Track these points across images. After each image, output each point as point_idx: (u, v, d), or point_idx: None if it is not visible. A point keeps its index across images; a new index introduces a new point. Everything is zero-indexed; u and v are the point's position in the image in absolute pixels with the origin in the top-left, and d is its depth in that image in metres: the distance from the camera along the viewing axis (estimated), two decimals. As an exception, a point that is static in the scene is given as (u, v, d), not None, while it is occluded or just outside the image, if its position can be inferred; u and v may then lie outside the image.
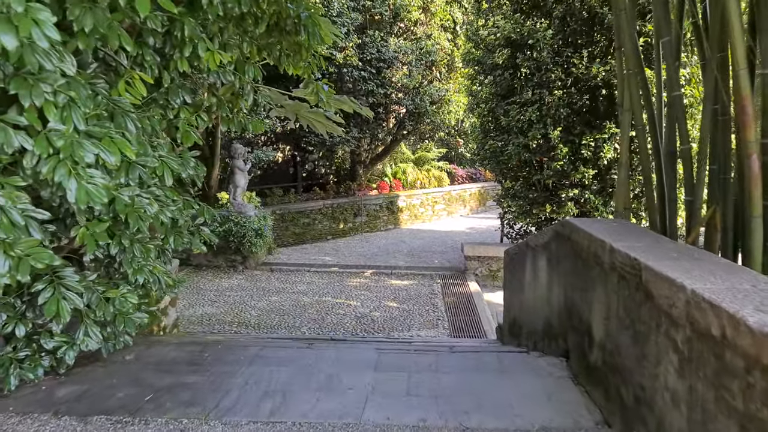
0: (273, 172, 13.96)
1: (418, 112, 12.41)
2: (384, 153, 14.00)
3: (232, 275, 9.26)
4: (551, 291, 3.95)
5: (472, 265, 9.23)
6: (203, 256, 9.66)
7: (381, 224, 13.66)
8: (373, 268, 9.66)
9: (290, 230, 11.87)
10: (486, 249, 9.13)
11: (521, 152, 8.16)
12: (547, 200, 8.59)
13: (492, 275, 9.17)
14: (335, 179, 14.82)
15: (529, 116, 7.89)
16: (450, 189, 15.38)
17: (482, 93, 8.83)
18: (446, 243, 12.10)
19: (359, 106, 5.29)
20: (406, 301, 7.76)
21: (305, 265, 9.85)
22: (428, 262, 10.35)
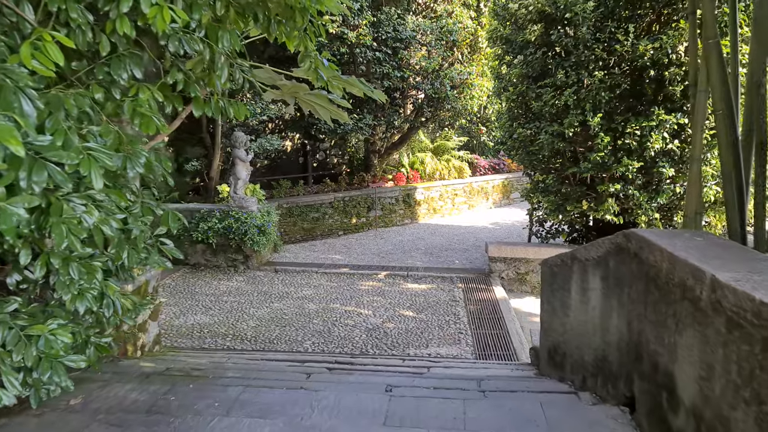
0: (281, 162, 13.30)
1: (437, 98, 11.62)
2: (401, 142, 13.25)
3: (232, 276, 8.62)
4: (608, 319, 3.21)
5: (497, 267, 8.48)
6: (202, 254, 9.05)
7: (397, 219, 12.94)
8: (388, 270, 8.95)
9: (298, 225, 11.20)
10: (513, 249, 8.37)
11: (555, 141, 7.36)
12: (583, 196, 7.79)
13: (520, 279, 8.41)
14: (348, 170, 14.12)
15: (565, 101, 7.08)
16: (471, 180, 14.58)
17: (511, 75, 8.03)
18: (468, 240, 11.34)
19: (371, 88, 4.52)
20: (423, 310, 7.05)
21: (313, 265, 9.18)
22: (448, 262, 9.61)
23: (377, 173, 13.24)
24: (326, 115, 4.55)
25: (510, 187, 15.75)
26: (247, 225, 8.54)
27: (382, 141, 12.96)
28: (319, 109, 4.48)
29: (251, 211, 8.76)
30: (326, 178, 12.97)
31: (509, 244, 8.58)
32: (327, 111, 4.50)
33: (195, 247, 8.99)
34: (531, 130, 7.84)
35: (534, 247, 8.40)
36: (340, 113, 4.52)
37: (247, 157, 8.82)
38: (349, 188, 12.54)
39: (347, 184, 12.63)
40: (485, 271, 8.84)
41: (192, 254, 9.07)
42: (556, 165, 8.11)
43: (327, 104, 4.39)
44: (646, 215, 7.35)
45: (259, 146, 9.42)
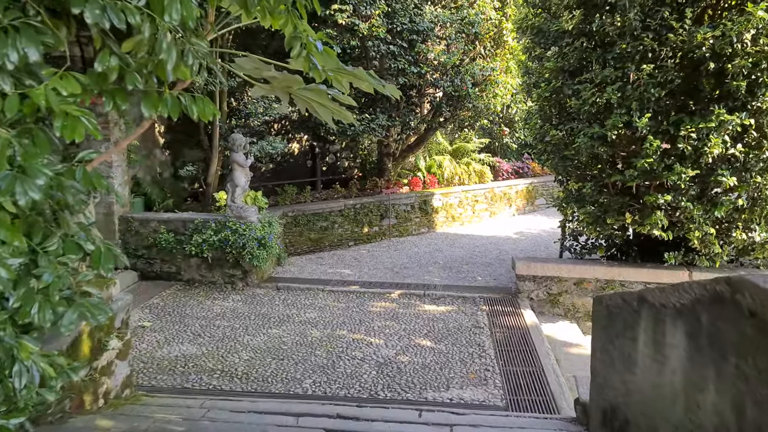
0: (288, 165, 12.61)
1: (457, 96, 10.84)
2: (417, 144, 12.48)
3: (229, 295, 7.90)
4: (698, 391, 2.41)
5: (526, 286, 7.67)
6: (196, 269, 8.35)
7: (412, 227, 12.17)
8: (402, 288, 8.19)
9: (305, 236, 10.48)
10: (544, 267, 7.55)
11: (594, 145, 6.54)
12: (625, 207, 6.96)
13: (552, 300, 7.60)
14: (360, 174, 13.39)
15: (608, 98, 6.27)
16: (493, 186, 13.77)
17: (542, 70, 7.23)
18: (491, 252, 10.53)
19: (382, 83, 3.72)
20: (443, 339, 6.27)
21: (319, 282, 8.44)
22: (470, 278, 8.82)
23: (391, 178, 12.48)
24: (326, 115, 3.79)
25: (534, 193, 14.90)
26: (246, 237, 7.83)
27: (397, 143, 12.20)
28: (318, 108, 3.71)
29: (250, 221, 8.05)
30: (336, 184, 12.24)
31: (540, 260, 7.77)
32: (327, 110, 3.73)
33: (189, 261, 8.30)
34: (566, 132, 7.03)
35: (568, 264, 7.58)
36: (342, 112, 3.75)
37: (246, 162, 8.11)
38: (360, 194, 11.79)
39: (358, 189, 11.89)
40: (512, 290, 8.04)
41: (185, 269, 8.38)
42: (593, 171, 7.29)
43: (326, 101, 3.62)
44: (699, 230, 6.50)
45: (260, 149, 8.71)
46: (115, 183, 8.25)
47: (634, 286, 7.33)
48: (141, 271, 8.48)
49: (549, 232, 12.18)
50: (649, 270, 7.27)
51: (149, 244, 8.34)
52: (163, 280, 8.43)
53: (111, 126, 8.10)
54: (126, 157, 8.57)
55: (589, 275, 7.43)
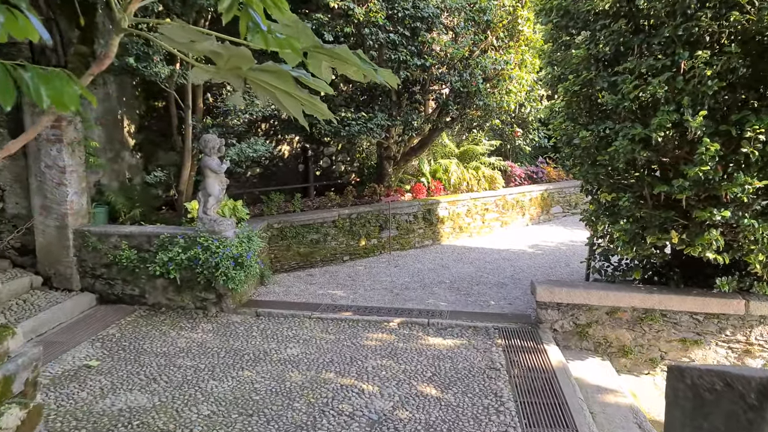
0: (276, 170, 11.62)
1: (466, 92, 9.84)
2: (421, 146, 11.48)
3: (199, 323, 6.90)
4: None
5: (548, 315, 6.66)
6: (163, 292, 7.36)
7: (415, 239, 11.16)
8: (403, 314, 7.18)
9: (293, 250, 9.48)
10: (571, 293, 6.54)
11: (635, 149, 5.53)
12: (669, 223, 5.95)
13: (579, 332, 6.58)
14: (357, 179, 12.39)
15: (653, 92, 5.26)
16: (505, 192, 12.75)
17: (571, 59, 6.22)
18: (504, 270, 9.51)
19: (373, 66, 2.59)
20: (451, 385, 5.26)
21: (306, 307, 7.43)
22: (481, 303, 7.80)
23: (392, 184, 11.48)
24: (294, 107, 2.75)
25: (550, 200, 13.87)
26: (219, 255, 6.83)
27: (398, 145, 11.20)
28: (282, 97, 2.66)
29: (225, 236, 7.05)
30: (331, 190, 11.24)
31: (565, 285, 6.75)
32: (294, 100, 2.69)
33: (154, 282, 7.31)
34: (598, 134, 6.03)
35: (598, 289, 6.56)
36: (315, 104, 2.71)
37: (220, 167, 7.11)
38: (357, 202, 10.79)
39: (355, 197, 10.88)
40: (531, 319, 7.02)
41: (150, 291, 7.38)
42: (631, 180, 6.28)
43: (292, 87, 2.58)
44: (763, 253, 5.49)
45: (239, 152, 7.70)
46: (70, 191, 7.26)
47: (678, 316, 6.32)
48: (100, 293, 7.49)
49: (568, 246, 11.16)
50: (696, 297, 6.25)
51: (109, 262, 7.34)
52: (126, 304, 7.44)
53: (64, 125, 7.12)
54: (85, 160, 7.59)
55: (625, 303, 6.41)
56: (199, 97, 8.29)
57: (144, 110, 9.63)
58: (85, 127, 7.66)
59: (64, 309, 6.89)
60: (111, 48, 2.45)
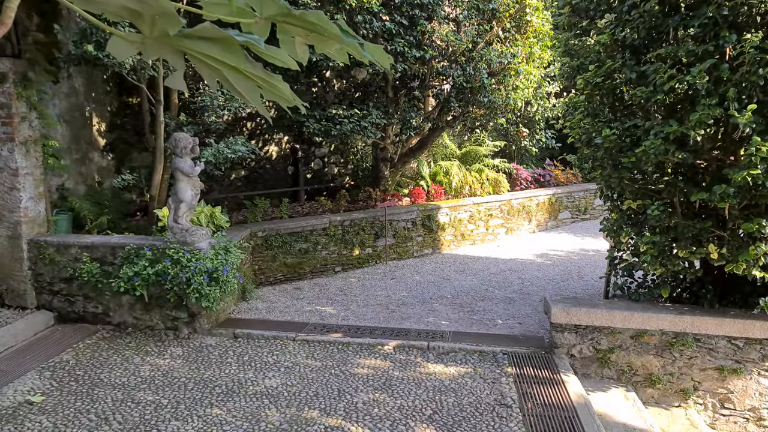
0: (263, 172, 10.91)
1: (470, 88, 9.14)
2: (420, 147, 10.77)
3: (167, 347, 6.18)
4: None
5: (564, 339, 5.94)
6: (129, 310, 6.65)
7: (413, 248, 10.45)
8: (399, 336, 6.47)
9: (279, 260, 8.76)
10: (591, 314, 5.82)
11: (669, 149, 4.83)
12: (704, 235, 5.25)
13: (600, 359, 5.87)
14: (351, 182, 11.68)
15: (691, 83, 4.56)
16: (510, 197, 12.05)
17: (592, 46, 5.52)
18: (511, 283, 8.79)
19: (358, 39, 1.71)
20: (454, 426, 4.55)
21: (291, 327, 6.72)
22: (487, 321, 7.09)
23: (388, 188, 10.77)
24: (249, 91, 1.98)
25: (558, 205, 13.16)
26: (191, 270, 6.11)
27: (395, 146, 10.49)
28: (231, 76, 1.89)
29: (198, 248, 6.34)
30: (323, 195, 10.54)
31: (583, 304, 6.03)
32: (248, 81, 1.94)
33: (119, 299, 6.60)
34: (624, 132, 5.32)
35: (621, 309, 5.84)
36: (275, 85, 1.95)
37: (192, 169, 6.40)
38: (350, 208, 10.08)
39: (348, 202, 10.17)
40: (544, 342, 6.32)
41: (116, 309, 6.67)
42: (660, 185, 5.58)
43: (241, 62, 1.82)
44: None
45: (216, 153, 6.97)
46: (23, 196, 6.55)
47: (714, 341, 5.62)
48: (59, 311, 6.78)
49: (580, 255, 10.46)
50: (735, 320, 5.55)
51: (69, 276, 6.64)
52: (88, 323, 6.73)
53: (17, 122, 6.41)
54: (43, 162, 6.88)
55: (652, 326, 5.70)
56: (173, 92, 7.58)
57: (117, 106, 8.92)
58: (44, 124, 6.95)
59: (15, 330, 6.17)
60: (7, 12, 1.84)
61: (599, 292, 8.19)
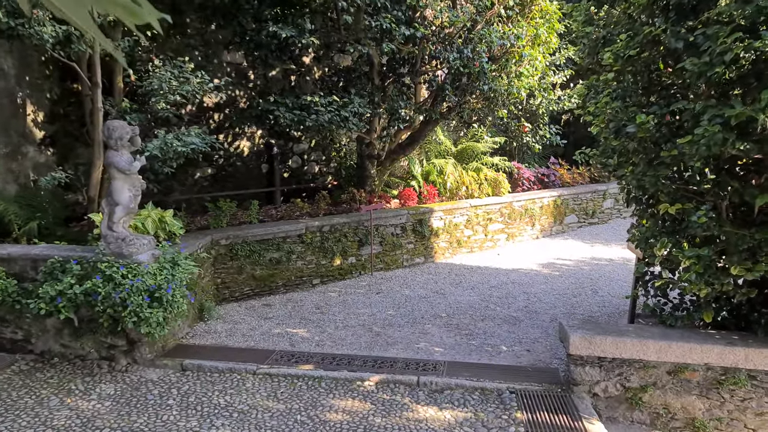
0: (234, 171, 9.86)
1: (467, 74, 8.14)
2: (410, 143, 9.75)
3: (98, 383, 5.14)
4: None
5: (585, 374, 4.94)
6: (55, 336, 5.62)
7: (403, 257, 9.43)
8: (384, 368, 5.45)
9: (246, 272, 7.72)
10: (618, 344, 4.82)
11: (729, 138, 3.82)
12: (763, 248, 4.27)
13: (630, 399, 4.87)
14: (335, 182, 10.66)
15: (762, 50, 3.57)
16: (511, 199, 11.05)
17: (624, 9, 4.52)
18: (515, 299, 7.79)
19: None
20: (452, 504, 3.53)
21: (253, 355, 5.69)
22: (489, 348, 6.08)
23: (375, 188, 9.76)
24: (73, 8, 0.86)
25: (564, 208, 12.17)
26: (126, 288, 5.07)
27: (383, 141, 9.48)
28: None
29: (138, 261, 5.30)
30: (302, 196, 9.51)
31: (609, 331, 5.02)
32: None
33: (43, 322, 5.55)
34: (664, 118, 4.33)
35: (657, 338, 4.84)
36: None
37: (131, 165, 5.35)
38: (332, 211, 9.06)
39: (329, 204, 9.14)
40: (560, 376, 5.32)
41: (39, 335, 5.62)
42: (704, 186, 4.59)
43: None
44: None
45: (164, 146, 5.93)
46: (-75, 197, 5.49)
47: (773, 379, 4.62)
48: (-30, 336, 5.71)
49: (591, 265, 9.46)
50: (799, 353, 4.57)
51: (-20, 294, 5.57)
52: (5, 352, 5.67)
53: None
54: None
55: (695, 359, 4.71)
56: (116, 74, 6.54)
57: (59, 94, 7.84)
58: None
59: None
60: None
61: (618, 310, 7.21)
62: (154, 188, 7.05)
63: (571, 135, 14.01)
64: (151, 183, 6.93)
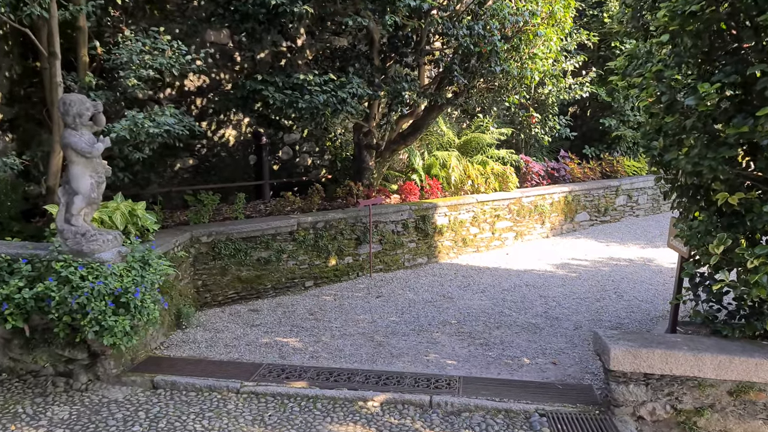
0: (219, 161, 9.13)
1: (478, 53, 7.45)
2: (413, 131, 9.05)
3: (50, 405, 4.41)
4: None
5: (630, 393, 4.25)
6: (4, 347, 4.87)
7: (405, 256, 8.73)
8: (389, 385, 4.75)
9: (231, 274, 7.00)
10: (669, 358, 4.14)
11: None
12: None
13: (684, 424, 4.18)
14: (329, 176, 9.94)
15: None
16: (520, 194, 10.37)
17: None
18: (532, 303, 7.10)
19: None
20: None
21: (237, 369, 4.98)
22: (509, 360, 5.38)
23: (373, 182, 9.05)
24: None
25: (575, 205, 11.50)
26: (87, 292, 4.34)
27: (383, 129, 8.78)
28: None
29: (101, 260, 4.57)
30: (293, 190, 8.78)
31: (658, 343, 4.33)
32: None
33: (-11, 332, 4.80)
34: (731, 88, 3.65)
35: (715, 352, 4.15)
36: None
37: (92, 147, 4.62)
38: (326, 206, 8.36)
39: (323, 199, 8.44)
40: (595, 394, 4.64)
41: (-16, 347, 4.87)
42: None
43: None
44: None
45: (133, 126, 5.18)
46: None
47: None
48: None
49: (610, 266, 8.79)
50: None
51: None
52: (-55, 367, 4.92)
53: None
54: None
55: (763, 376, 4.03)
56: (80, 45, 5.80)
57: (20, 73, 7.09)
58: None
59: None
60: None
61: (649, 316, 6.55)
62: (125, 177, 6.31)
63: (580, 127, 13.34)
64: (120, 171, 6.20)
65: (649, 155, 4.75)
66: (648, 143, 4.59)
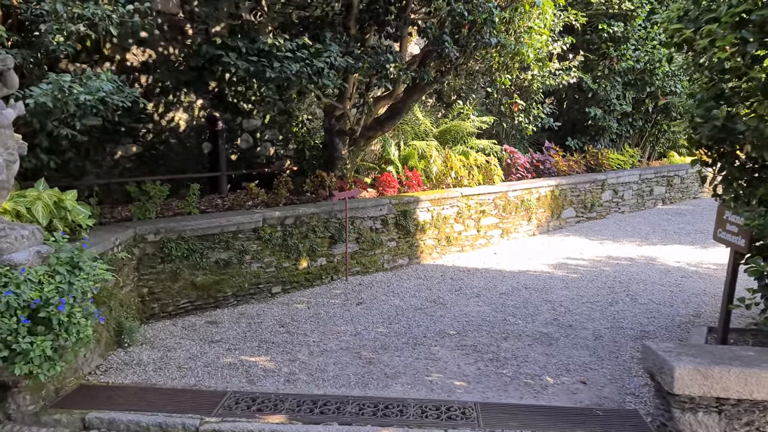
0: (167, 149, 8.03)
1: (472, 22, 6.61)
2: (391, 116, 8.15)
3: (-61, 461, 3.34)
4: None
5: (698, 424, 3.46)
6: None
7: (384, 257, 7.84)
8: (390, 417, 3.85)
9: (184, 278, 5.98)
10: (748, 377, 3.37)
11: None
12: None
13: (767, 461, 3.41)
14: (295, 168, 8.95)
15: None
16: (506, 188, 9.61)
17: None
18: (537, 308, 6.29)
19: None
20: None
21: (193, 400, 4.00)
22: (528, 379, 4.54)
23: (347, 173, 8.13)
24: None
25: (562, 200, 10.81)
26: (-9, 306, 3.32)
27: (358, 112, 7.86)
28: None
29: (10, 262, 3.54)
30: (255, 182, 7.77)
31: (731, 360, 3.54)
32: None
33: None
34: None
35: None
36: None
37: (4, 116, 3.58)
38: (294, 200, 7.40)
39: (291, 192, 7.47)
40: (644, 422, 3.84)
41: None
42: None
43: None
44: None
45: (57, 93, 4.13)
46: None
47: None
48: None
49: (612, 266, 8.08)
50: None
51: None
52: None
53: None
54: None
55: None
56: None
57: None
58: None
59: None
60: None
61: (674, 322, 5.82)
62: (51, 161, 5.22)
63: (562, 117, 12.67)
64: (45, 153, 5.12)
65: (702, 130, 3.96)
66: (707, 113, 3.82)
